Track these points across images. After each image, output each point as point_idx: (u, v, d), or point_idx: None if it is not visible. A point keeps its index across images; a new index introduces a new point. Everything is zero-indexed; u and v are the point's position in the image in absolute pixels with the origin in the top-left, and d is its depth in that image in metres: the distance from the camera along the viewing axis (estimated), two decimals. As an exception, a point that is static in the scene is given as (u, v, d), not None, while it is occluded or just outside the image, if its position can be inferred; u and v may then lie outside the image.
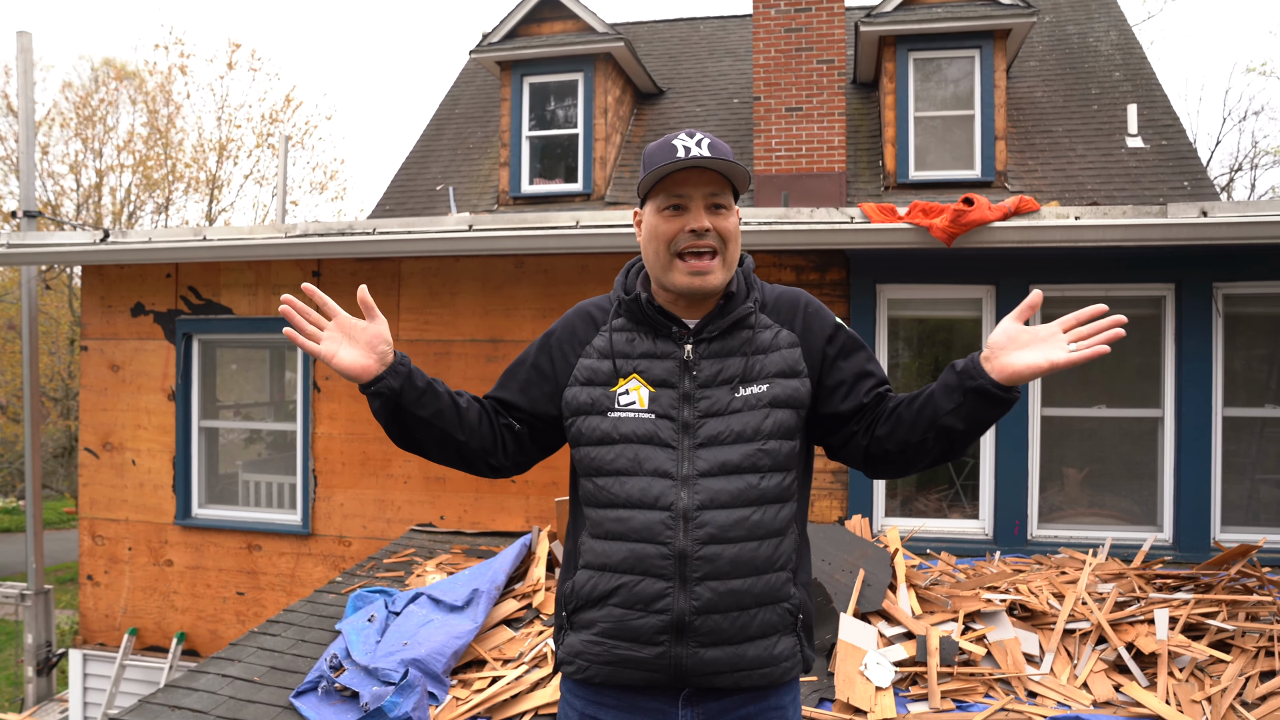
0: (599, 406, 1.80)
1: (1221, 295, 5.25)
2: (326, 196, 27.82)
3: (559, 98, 11.10)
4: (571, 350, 1.88)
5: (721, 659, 1.70)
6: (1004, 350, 1.69)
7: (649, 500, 1.72)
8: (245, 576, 6.45)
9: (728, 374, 1.78)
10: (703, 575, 1.69)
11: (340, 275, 6.25)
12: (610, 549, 1.74)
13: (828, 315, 1.88)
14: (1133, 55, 11.09)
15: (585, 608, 1.77)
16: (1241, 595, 4.09)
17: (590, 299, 1.98)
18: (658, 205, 1.78)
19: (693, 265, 1.75)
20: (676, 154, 1.72)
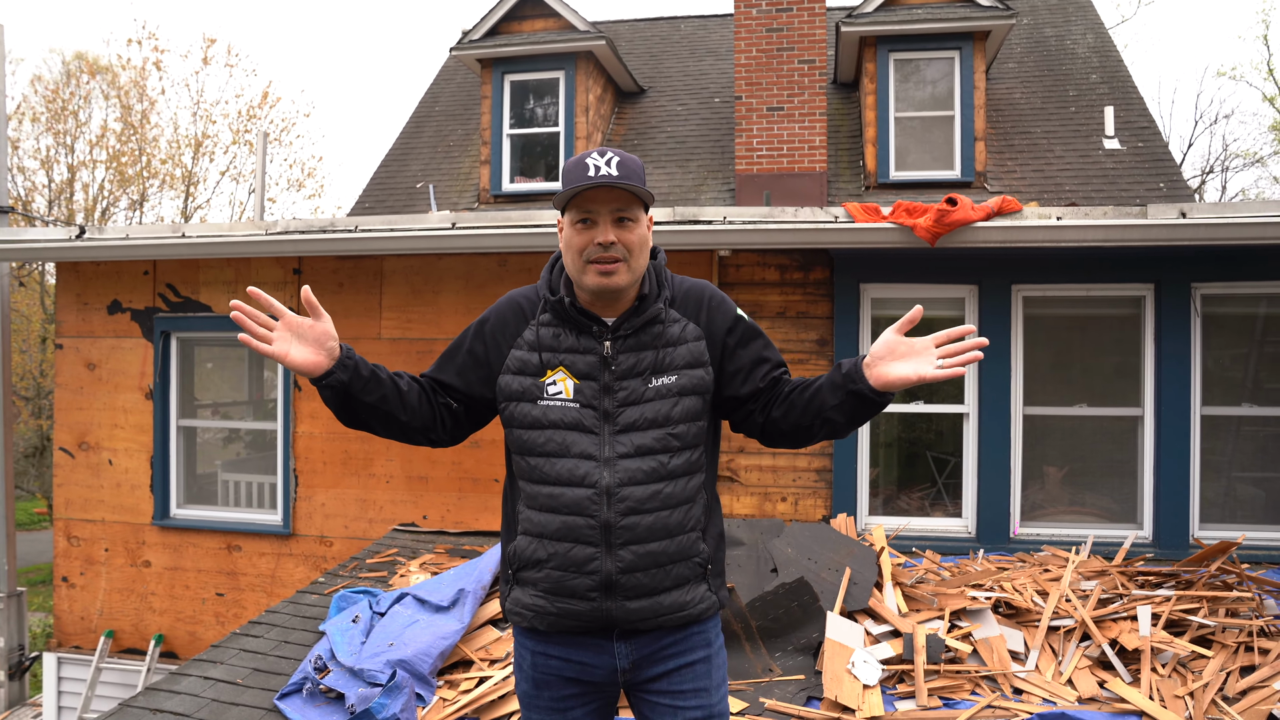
0: (529, 395, 2.02)
1: (1200, 295, 5.32)
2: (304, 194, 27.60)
3: (540, 96, 11.06)
4: (504, 340, 2.08)
5: (644, 608, 1.99)
6: (882, 360, 1.94)
7: (576, 479, 1.97)
8: (225, 577, 6.38)
9: (641, 366, 2.01)
10: (624, 541, 1.97)
11: (322, 273, 6.19)
12: (545, 520, 2.00)
13: (729, 307, 2.12)
14: (1109, 58, 11.21)
15: (526, 568, 2.04)
16: (1221, 592, 4.14)
17: (519, 289, 2.18)
18: (571, 219, 1.98)
19: (600, 268, 1.95)
20: (588, 173, 1.91)
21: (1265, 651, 3.87)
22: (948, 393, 5.59)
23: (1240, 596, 4.07)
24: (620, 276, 1.96)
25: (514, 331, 2.07)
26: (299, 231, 5.76)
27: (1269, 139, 27.85)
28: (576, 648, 2.05)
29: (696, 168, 11.12)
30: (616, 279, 1.96)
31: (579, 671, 2.06)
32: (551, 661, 2.07)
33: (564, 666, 2.06)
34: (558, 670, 2.07)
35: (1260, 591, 4.23)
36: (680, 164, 11.17)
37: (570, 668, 2.06)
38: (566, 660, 2.06)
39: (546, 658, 2.07)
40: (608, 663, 2.04)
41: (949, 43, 9.85)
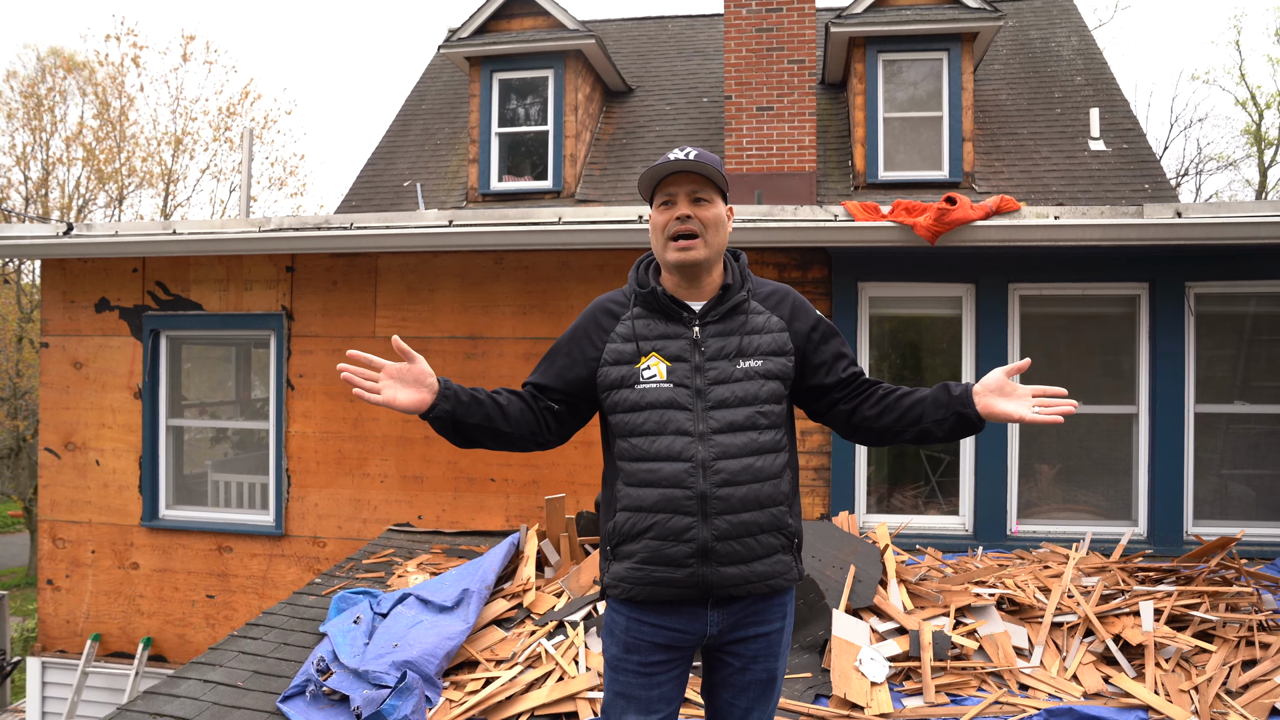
0: (627, 381, 2.22)
1: (1193, 294, 5.37)
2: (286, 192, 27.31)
3: (528, 94, 11.02)
4: (599, 337, 2.28)
5: (737, 575, 2.15)
6: (992, 394, 2.17)
7: (674, 454, 2.15)
8: (215, 579, 6.30)
9: (729, 349, 2.21)
10: (719, 511, 2.13)
11: (315, 271, 6.13)
12: (644, 494, 2.16)
13: (811, 308, 2.36)
14: (1093, 60, 11.32)
15: (625, 542, 2.20)
16: (1221, 587, 4.18)
17: (605, 294, 2.39)
18: (656, 203, 2.26)
19: (679, 244, 2.19)
20: (668, 162, 2.20)
21: (1266, 645, 3.90)
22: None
23: (1240, 591, 4.11)
24: (698, 251, 2.18)
25: (607, 329, 2.27)
26: (293, 229, 5.70)
27: (1241, 142, 28.26)
28: (672, 615, 2.19)
29: (685, 167, 11.10)
30: (694, 253, 2.18)
31: (670, 638, 2.21)
32: (645, 628, 2.21)
33: (656, 633, 2.20)
34: (650, 636, 2.21)
35: (1259, 586, 4.28)
36: (669, 163, 11.14)
37: (662, 634, 2.20)
38: (660, 627, 2.20)
39: (641, 624, 2.21)
40: (699, 629, 2.21)
41: (937, 44, 9.91)
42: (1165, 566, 4.41)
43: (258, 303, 6.21)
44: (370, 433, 6.08)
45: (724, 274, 2.29)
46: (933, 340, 5.81)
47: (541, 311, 5.97)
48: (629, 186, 10.86)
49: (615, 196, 10.68)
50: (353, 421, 6.09)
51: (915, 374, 5.78)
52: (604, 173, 11.14)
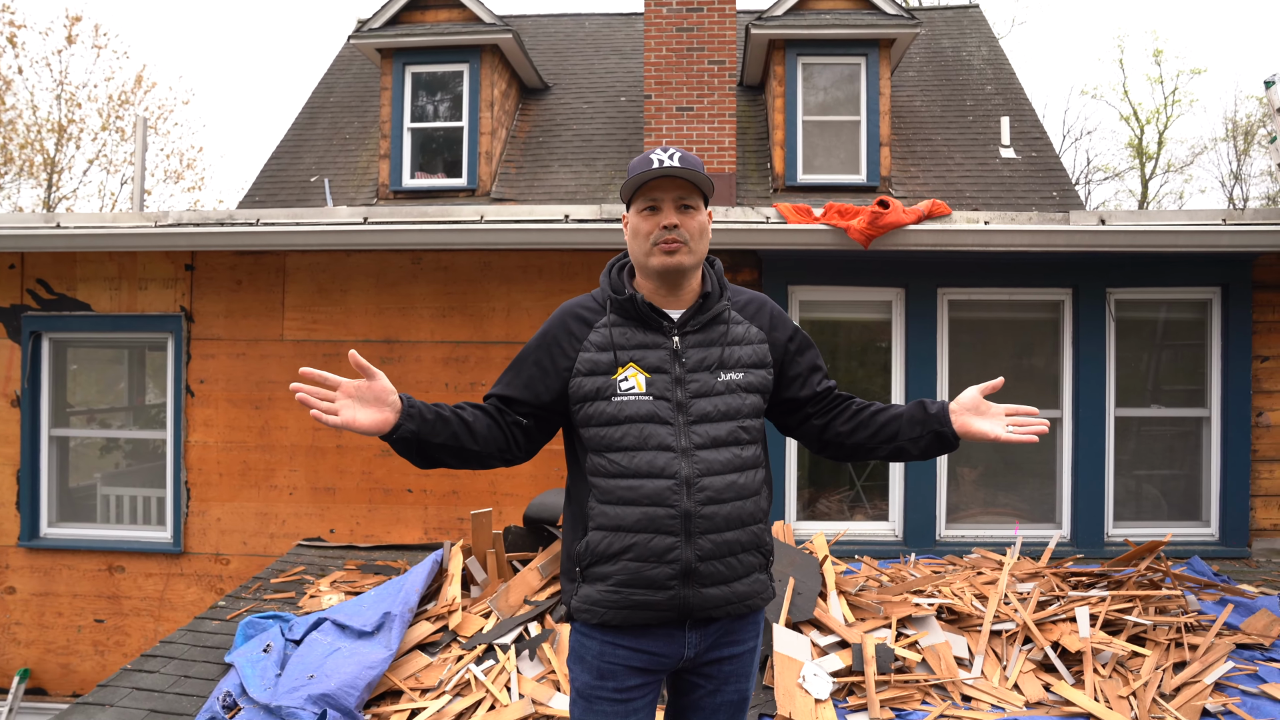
0: (603, 393, 2.09)
1: (1114, 300, 5.47)
2: (182, 186, 25.88)
3: (442, 89, 10.67)
4: (570, 346, 2.15)
5: (719, 596, 2.08)
6: (968, 412, 2.15)
7: (656, 470, 2.05)
8: (105, 602, 5.82)
9: (710, 361, 2.13)
10: (703, 530, 2.05)
11: (217, 269, 5.72)
12: (623, 512, 2.05)
13: (787, 318, 2.29)
14: (1002, 70, 11.61)
15: (599, 563, 2.08)
16: (1150, 590, 4.22)
17: (574, 300, 2.25)
18: (638, 207, 2.14)
19: (665, 248, 2.09)
20: (652, 165, 2.08)
21: (1194, 647, 3.96)
22: (875, 396, 5.58)
23: (1169, 594, 4.16)
24: (683, 256, 2.09)
25: (580, 335, 2.15)
26: (193, 224, 5.29)
27: (1126, 155, 29.69)
28: (648, 637, 2.09)
29: (603, 167, 10.94)
30: (680, 258, 2.09)
31: (647, 661, 2.11)
32: (620, 651, 2.10)
33: (632, 656, 2.10)
34: (625, 660, 2.10)
35: (1184, 588, 4.35)
36: (586, 163, 10.97)
37: (639, 657, 2.10)
38: (635, 650, 2.10)
39: (615, 647, 2.10)
40: (676, 651, 2.11)
41: (856, 49, 9.98)
42: (1096, 571, 4.44)
43: (154, 303, 5.76)
44: (278, 442, 5.71)
45: (702, 282, 2.20)
46: (863, 344, 5.77)
47: (462, 314, 5.71)
48: (546, 185, 10.63)
49: (532, 195, 10.44)
50: (259, 430, 5.71)
51: (846, 377, 5.73)
52: (520, 171, 10.88)
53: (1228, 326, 5.42)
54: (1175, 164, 29.70)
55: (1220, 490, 5.46)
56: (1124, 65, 40.04)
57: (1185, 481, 5.65)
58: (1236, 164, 28.70)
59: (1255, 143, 27.42)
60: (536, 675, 3.59)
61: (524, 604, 3.99)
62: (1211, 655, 3.88)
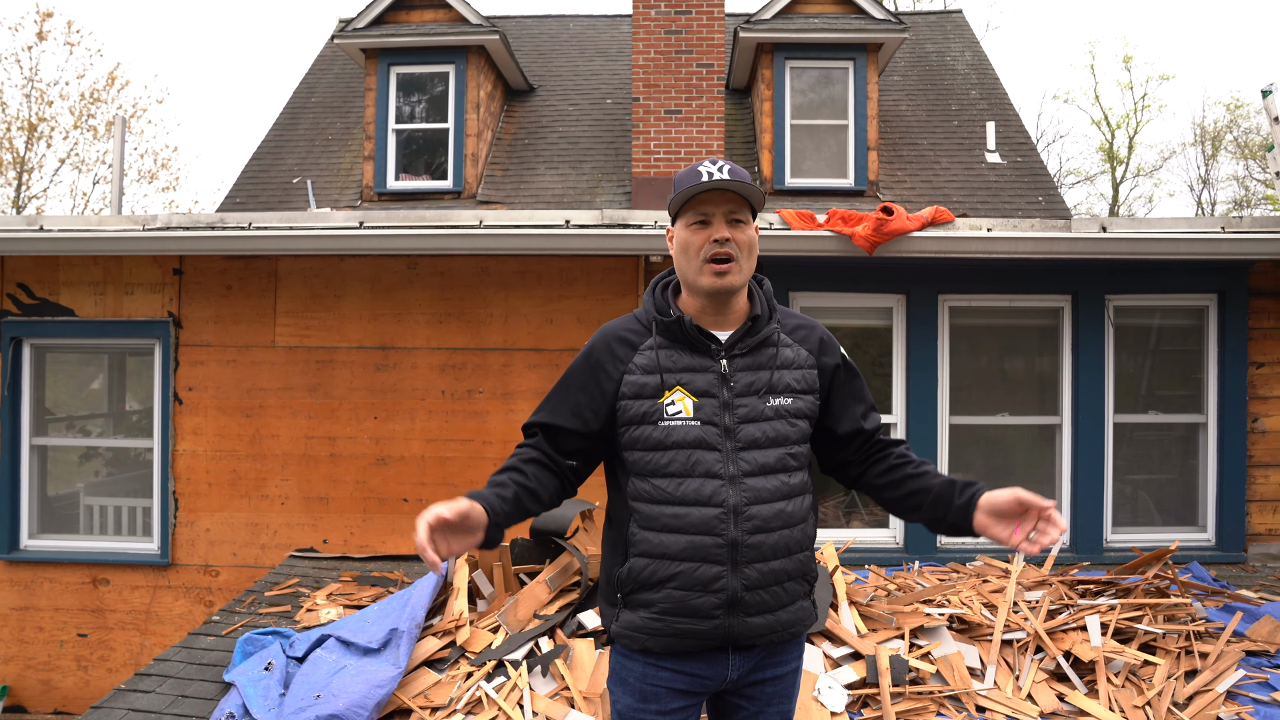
0: (650, 417, 2.04)
1: (1112, 306, 5.48)
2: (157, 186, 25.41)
3: (428, 90, 10.54)
4: (614, 369, 2.09)
5: (764, 625, 2.04)
6: (991, 516, 1.97)
7: (703, 499, 2.00)
8: (89, 615, 5.66)
9: (759, 385, 2.07)
10: (750, 559, 2.00)
11: (207, 274, 5.58)
12: (668, 540, 2.01)
13: (837, 344, 2.23)
14: (987, 75, 11.67)
15: (642, 590, 2.04)
16: (1158, 598, 4.22)
17: (615, 322, 2.20)
18: (686, 221, 2.08)
19: (716, 267, 2.03)
20: (701, 178, 2.03)
21: (1204, 655, 3.96)
22: (874, 403, 5.54)
23: (1177, 602, 4.16)
24: (734, 276, 2.03)
25: (624, 358, 2.09)
26: (183, 228, 5.16)
27: (1097, 159, 30.06)
28: (692, 660, 2.05)
29: (590, 169, 10.87)
30: (731, 278, 2.02)
31: (690, 684, 2.07)
32: (663, 674, 2.06)
33: (675, 679, 2.06)
34: (669, 682, 2.06)
35: (1191, 595, 4.35)
36: (573, 165, 10.89)
37: (682, 679, 2.06)
38: (679, 672, 2.06)
39: (658, 669, 2.06)
40: (720, 674, 2.07)
41: (844, 53, 9.98)
42: (1103, 579, 4.44)
43: (141, 308, 5.61)
44: (269, 451, 5.58)
45: (750, 303, 2.15)
46: (864, 350, 5.74)
47: (459, 320, 5.62)
48: (532, 189, 10.54)
49: (518, 198, 10.34)
50: (249, 439, 5.58)
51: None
52: (506, 173, 10.78)
53: (1224, 333, 5.46)
54: (1145, 168, 30.12)
55: (1217, 496, 5.49)
56: (1095, 71, 40.64)
57: (1181, 487, 5.68)
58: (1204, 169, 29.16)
59: (1221, 148, 27.89)
60: (550, 692, 3.52)
61: (533, 618, 3.91)
62: (1222, 663, 3.89)
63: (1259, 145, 25.39)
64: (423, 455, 5.57)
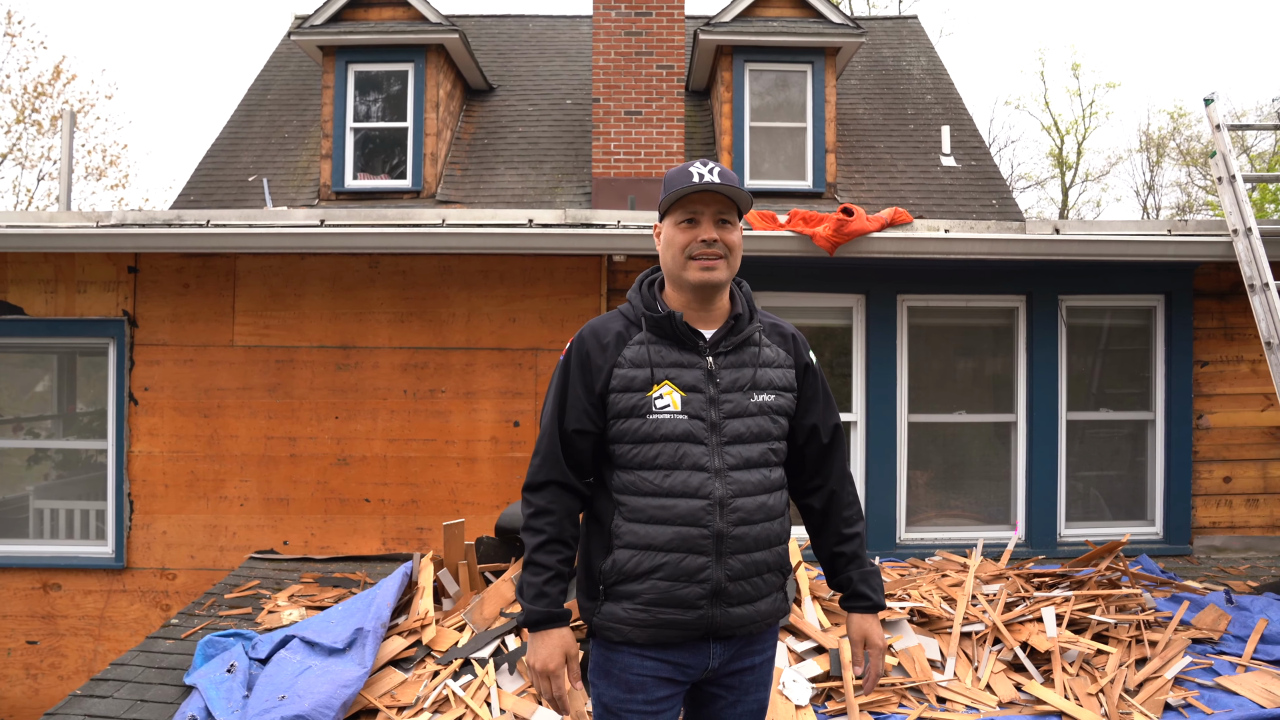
0: (638, 410, 2.09)
1: (1065, 307, 5.62)
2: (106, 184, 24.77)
3: (386, 88, 10.45)
4: (604, 363, 2.14)
5: (745, 615, 2.11)
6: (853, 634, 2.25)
7: (689, 490, 2.06)
8: (39, 622, 5.53)
9: (742, 382, 2.14)
10: (734, 550, 2.07)
11: (163, 272, 5.49)
12: (655, 531, 2.06)
13: (806, 345, 2.31)
14: (941, 80, 11.88)
15: (627, 581, 2.08)
16: (1111, 590, 4.35)
17: (599, 319, 2.25)
18: (675, 219, 2.13)
19: (703, 263, 2.09)
20: (692, 179, 2.08)
21: (1154, 643, 4.08)
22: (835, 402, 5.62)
23: (1128, 593, 4.29)
24: (720, 272, 2.09)
25: (613, 353, 2.13)
26: (138, 225, 5.07)
27: (1047, 164, 30.75)
28: (674, 649, 2.11)
29: (550, 170, 10.86)
30: (717, 274, 2.09)
31: (674, 672, 2.12)
32: (648, 663, 2.10)
33: (660, 668, 2.11)
34: (654, 672, 2.11)
35: (1141, 586, 4.49)
36: (533, 165, 10.88)
37: (666, 668, 2.11)
38: (663, 661, 2.11)
39: (643, 659, 2.10)
40: (702, 661, 2.13)
41: (802, 56, 10.10)
42: (1057, 571, 4.55)
43: (94, 307, 5.50)
44: (228, 451, 5.50)
45: (731, 302, 2.21)
46: (825, 349, 5.82)
47: (421, 319, 5.59)
48: (492, 188, 10.50)
49: (478, 198, 10.30)
50: (207, 439, 5.50)
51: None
52: (465, 173, 10.73)
53: (1171, 332, 5.63)
54: (1093, 174, 30.94)
55: (1164, 491, 5.66)
56: (1045, 77, 41.63)
57: (1131, 482, 5.84)
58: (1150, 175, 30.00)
59: (1165, 155, 28.68)
60: (517, 690, 3.52)
61: (500, 616, 3.91)
62: (1170, 651, 4.01)
63: (1200, 152, 26.17)
64: (385, 455, 5.53)
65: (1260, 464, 5.66)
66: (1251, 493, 5.66)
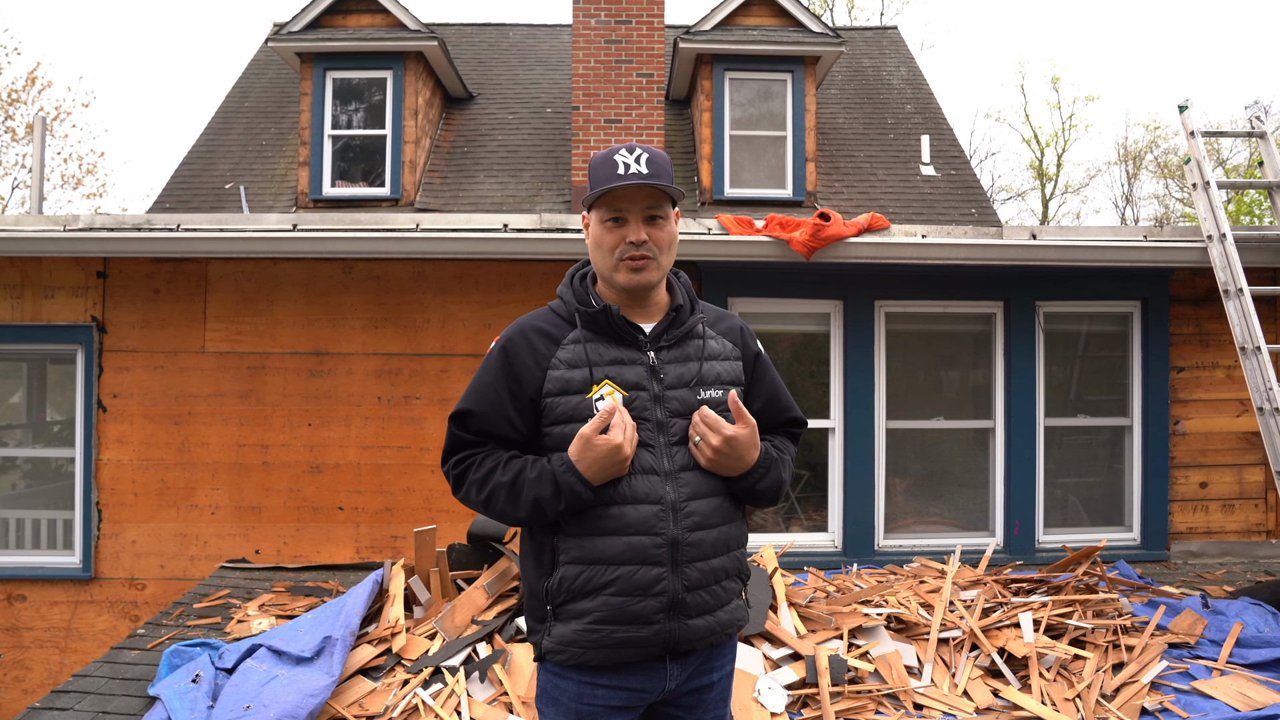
0: (579, 414, 1.92)
1: (1043, 313, 5.63)
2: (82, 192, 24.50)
3: (365, 96, 10.40)
4: (536, 366, 1.97)
5: (704, 626, 1.96)
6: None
7: (640, 496, 1.91)
8: (3, 634, 5.41)
9: (688, 377, 2.00)
10: (691, 558, 1.92)
11: (133, 277, 5.41)
12: (604, 544, 1.90)
13: (753, 335, 2.20)
14: (921, 90, 11.95)
15: (575, 599, 1.91)
16: (1088, 595, 4.33)
17: (530, 315, 2.07)
18: (601, 216, 1.97)
19: (632, 265, 1.96)
20: (617, 170, 1.91)
21: (1130, 648, 4.07)
22: (813, 408, 5.61)
23: (1105, 598, 4.27)
24: (651, 273, 1.97)
25: (545, 353, 1.98)
26: (107, 229, 5.00)
27: (1028, 176, 31.00)
28: (628, 673, 1.95)
29: (530, 178, 10.83)
30: (648, 274, 1.96)
31: (628, 699, 1.96)
32: (599, 691, 1.94)
33: (612, 695, 1.95)
34: (605, 700, 1.95)
35: (1118, 591, 4.47)
36: (513, 173, 10.84)
37: (619, 695, 1.95)
38: (616, 689, 1.94)
39: (594, 687, 1.94)
40: (658, 684, 1.98)
41: (782, 65, 10.13)
42: (1035, 577, 4.54)
43: (61, 312, 5.41)
44: (199, 459, 5.42)
45: (670, 294, 2.09)
46: (802, 355, 5.81)
47: (395, 325, 5.53)
48: (471, 196, 10.46)
49: (457, 206, 10.25)
50: (178, 447, 5.41)
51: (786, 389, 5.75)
52: (445, 181, 10.68)
53: (1147, 338, 5.64)
54: (1073, 185, 31.24)
55: (1141, 496, 5.66)
56: (1025, 90, 41.96)
57: (1108, 488, 5.85)
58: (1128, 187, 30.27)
59: (1143, 167, 28.99)
60: (488, 698, 3.46)
61: (471, 624, 3.85)
62: (1146, 655, 4.00)
63: (1177, 165, 26.46)
64: (358, 463, 5.46)
65: (1236, 469, 5.68)
66: (1227, 498, 5.67)
